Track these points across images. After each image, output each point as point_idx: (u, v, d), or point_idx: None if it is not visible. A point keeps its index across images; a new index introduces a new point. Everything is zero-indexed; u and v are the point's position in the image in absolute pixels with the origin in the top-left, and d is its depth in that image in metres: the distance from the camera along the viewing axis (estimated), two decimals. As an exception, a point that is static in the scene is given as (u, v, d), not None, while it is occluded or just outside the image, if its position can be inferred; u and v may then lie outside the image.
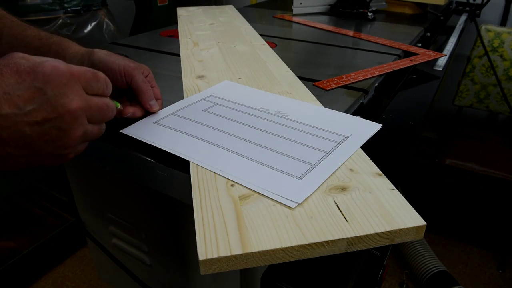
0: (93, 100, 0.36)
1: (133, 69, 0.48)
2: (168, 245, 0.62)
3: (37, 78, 0.32)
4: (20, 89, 0.31)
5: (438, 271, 1.38)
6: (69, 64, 0.35)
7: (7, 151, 0.32)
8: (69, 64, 0.35)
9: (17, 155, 0.33)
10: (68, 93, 0.33)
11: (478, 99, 1.64)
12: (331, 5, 1.31)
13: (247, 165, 0.41)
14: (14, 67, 0.32)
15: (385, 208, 0.34)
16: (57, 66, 0.33)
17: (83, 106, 0.34)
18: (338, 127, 0.49)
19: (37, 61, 0.33)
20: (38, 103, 0.32)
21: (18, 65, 0.32)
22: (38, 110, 0.32)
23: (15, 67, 0.32)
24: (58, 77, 0.33)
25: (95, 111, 0.36)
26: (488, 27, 1.53)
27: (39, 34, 0.48)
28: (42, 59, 0.34)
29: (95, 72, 0.37)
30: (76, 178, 0.75)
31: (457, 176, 1.47)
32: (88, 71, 0.36)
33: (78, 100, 0.34)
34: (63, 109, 0.33)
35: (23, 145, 0.32)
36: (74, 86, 0.34)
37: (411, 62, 0.78)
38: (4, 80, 0.31)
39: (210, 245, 0.30)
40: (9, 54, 0.34)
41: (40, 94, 0.32)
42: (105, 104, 0.37)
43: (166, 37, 0.96)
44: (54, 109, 0.32)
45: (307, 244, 0.31)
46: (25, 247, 1.38)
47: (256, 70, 0.69)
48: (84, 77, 0.35)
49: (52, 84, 0.32)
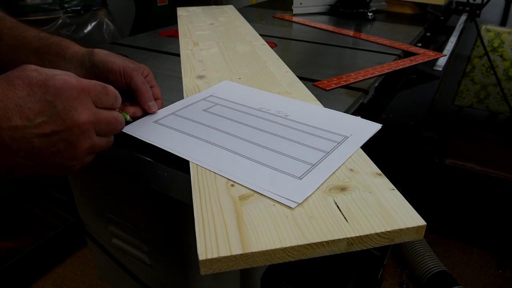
0: (102, 114, 0.36)
1: (133, 69, 0.48)
2: (168, 245, 0.62)
3: (48, 92, 0.33)
4: (31, 101, 0.32)
5: (438, 271, 1.38)
6: (80, 78, 0.35)
7: (16, 161, 0.33)
8: (80, 78, 0.35)
9: (26, 165, 0.34)
10: (77, 106, 0.34)
11: (478, 99, 1.64)
12: (331, 5, 1.31)
13: (247, 165, 0.41)
14: (26, 80, 0.33)
15: (385, 208, 0.34)
16: (67, 80, 0.34)
17: (92, 119, 0.35)
18: (338, 127, 0.49)
19: (49, 74, 0.34)
20: (47, 116, 0.33)
21: (30, 78, 0.33)
22: (48, 123, 0.33)
23: (27, 79, 0.33)
24: (69, 91, 0.33)
25: (104, 124, 0.37)
26: (488, 27, 1.53)
27: (39, 34, 0.48)
28: (54, 72, 0.35)
29: (105, 86, 0.38)
30: (76, 178, 0.75)
31: (457, 176, 1.47)
32: (97, 85, 0.37)
33: (87, 113, 0.35)
34: (72, 122, 0.34)
35: (32, 155, 0.33)
36: (84, 99, 0.35)
37: (411, 62, 0.78)
38: (16, 92, 0.32)
39: (210, 245, 0.30)
40: (22, 66, 0.35)
41: (50, 107, 0.33)
42: (113, 118, 0.38)
43: (166, 37, 0.96)
44: (63, 122, 0.33)
45: (307, 244, 0.31)
46: (25, 247, 1.38)
47: (256, 70, 0.69)
48: (94, 91, 0.36)
49: (62, 97, 0.33)
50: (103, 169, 0.53)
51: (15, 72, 0.34)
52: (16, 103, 0.32)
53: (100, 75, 0.47)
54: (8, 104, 0.32)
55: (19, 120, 0.32)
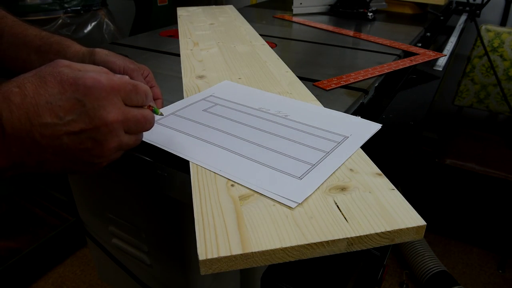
0: (131, 113, 0.36)
1: (132, 70, 0.48)
2: (168, 245, 0.62)
3: (78, 90, 0.33)
4: (61, 99, 0.33)
5: (438, 271, 1.38)
6: (110, 76, 0.35)
7: (46, 156, 0.34)
8: (111, 77, 0.35)
9: (55, 161, 0.34)
10: (106, 106, 0.34)
11: (478, 99, 1.64)
12: (331, 5, 1.31)
13: (247, 165, 0.41)
14: (58, 77, 0.33)
15: (385, 208, 0.34)
16: (98, 80, 0.34)
17: (120, 118, 0.35)
18: (338, 127, 0.49)
19: (81, 71, 0.35)
20: (77, 114, 0.33)
21: (61, 75, 0.33)
22: (77, 121, 0.33)
23: (58, 76, 0.33)
24: (98, 90, 0.34)
25: (132, 122, 0.37)
26: (488, 27, 1.53)
27: (40, 33, 0.48)
28: (86, 69, 0.35)
29: (135, 84, 0.37)
30: (76, 178, 0.75)
31: (457, 176, 1.47)
32: (128, 84, 0.36)
33: (115, 113, 0.35)
34: (100, 121, 0.34)
35: (60, 152, 0.34)
36: (113, 99, 0.35)
37: (411, 62, 0.78)
38: (47, 89, 0.33)
39: (210, 245, 0.30)
40: (55, 62, 0.35)
41: (79, 106, 0.33)
42: (142, 116, 0.38)
43: (166, 37, 0.96)
44: (92, 121, 0.33)
45: (307, 244, 0.31)
46: (25, 247, 1.38)
47: (256, 70, 0.69)
48: (124, 89, 0.36)
49: (92, 97, 0.33)
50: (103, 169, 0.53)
51: (48, 68, 0.34)
52: (47, 100, 0.32)
53: (100, 75, 0.47)
54: (39, 101, 0.32)
55: (49, 118, 0.32)
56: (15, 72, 0.47)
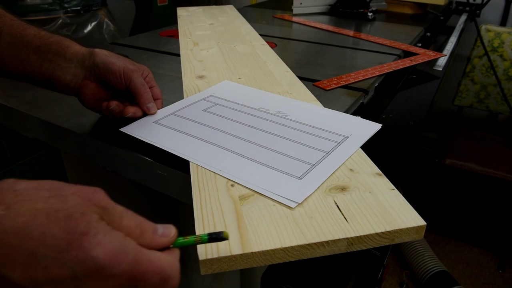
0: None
1: (132, 71, 0.48)
2: (168, 245, 0.62)
3: (84, 263, 0.23)
4: (54, 261, 0.23)
5: (438, 271, 1.38)
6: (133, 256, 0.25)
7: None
8: (133, 258, 0.25)
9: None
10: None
11: (478, 99, 1.64)
12: (331, 5, 1.31)
13: (247, 165, 0.41)
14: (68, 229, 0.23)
15: (385, 208, 0.34)
16: (115, 258, 0.24)
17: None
18: (338, 127, 0.49)
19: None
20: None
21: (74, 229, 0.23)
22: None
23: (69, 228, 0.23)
24: (108, 274, 0.23)
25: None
26: (488, 27, 1.53)
27: (39, 33, 0.48)
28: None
29: (166, 279, 0.27)
30: (76, 178, 0.75)
31: (457, 176, 1.47)
32: (155, 275, 0.26)
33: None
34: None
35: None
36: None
37: (411, 62, 0.78)
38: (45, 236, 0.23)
39: (210, 245, 0.30)
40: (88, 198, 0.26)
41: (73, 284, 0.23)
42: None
43: (166, 37, 0.96)
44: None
45: (307, 244, 0.31)
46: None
47: (256, 70, 0.69)
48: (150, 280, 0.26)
49: (95, 277, 0.23)
50: (103, 169, 0.53)
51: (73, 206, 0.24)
52: (32, 251, 0.22)
53: (100, 76, 0.47)
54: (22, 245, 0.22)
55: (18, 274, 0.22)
56: (14, 72, 0.47)
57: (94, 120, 0.52)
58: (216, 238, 0.28)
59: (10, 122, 0.60)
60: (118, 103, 0.48)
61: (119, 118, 0.49)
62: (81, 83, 0.48)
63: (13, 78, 0.48)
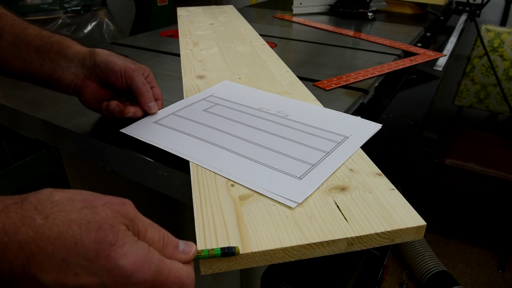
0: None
1: (133, 70, 0.48)
2: (168, 245, 0.62)
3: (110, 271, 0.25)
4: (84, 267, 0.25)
5: (438, 271, 1.38)
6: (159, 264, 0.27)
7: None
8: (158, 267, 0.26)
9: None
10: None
11: (478, 99, 1.64)
12: (331, 5, 1.31)
13: (247, 165, 0.41)
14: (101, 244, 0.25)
15: (385, 208, 0.34)
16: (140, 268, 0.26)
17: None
18: (338, 127, 0.49)
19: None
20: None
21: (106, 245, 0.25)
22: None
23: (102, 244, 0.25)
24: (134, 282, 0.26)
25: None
26: (488, 27, 1.53)
27: (41, 32, 0.48)
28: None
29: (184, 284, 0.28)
30: (76, 178, 0.75)
31: (457, 176, 1.47)
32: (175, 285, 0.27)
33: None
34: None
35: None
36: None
37: (411, 62, 0.78)
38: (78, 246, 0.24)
39: (210, 245, 0.30)
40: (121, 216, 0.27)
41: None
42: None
43: (166, 37, 0.96)
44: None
45: (307, 244, 0.31)
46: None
47: (256, 70, 0.69)
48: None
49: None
50: (103, 169, 0.53)
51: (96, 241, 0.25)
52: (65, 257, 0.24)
53: (101, 75, 0.47)
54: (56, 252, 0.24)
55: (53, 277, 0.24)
56: (14, 71, 0.47)
57: (94, 120, 0.52)
58: (228, 253, 0.30)
59: (10, 122, 0.60)
60: (118, 103, 0.48)
61: (119, 118, 0.49)
62: (82, 83, 0.48)
63: (14, 77, 0.48)
